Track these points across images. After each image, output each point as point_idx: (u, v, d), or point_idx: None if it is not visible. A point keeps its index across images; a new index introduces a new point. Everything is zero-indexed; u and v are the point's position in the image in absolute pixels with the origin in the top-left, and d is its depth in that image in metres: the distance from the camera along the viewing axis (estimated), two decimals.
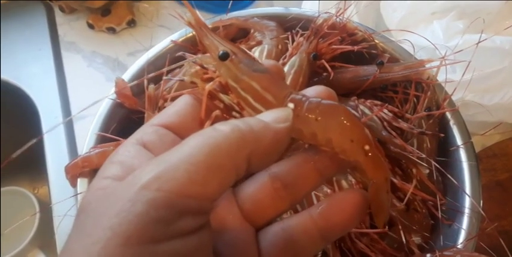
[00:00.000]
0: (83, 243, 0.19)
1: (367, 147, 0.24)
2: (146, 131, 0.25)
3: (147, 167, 0.21)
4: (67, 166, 0.48)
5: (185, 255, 0.20)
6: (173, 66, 0.35)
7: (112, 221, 0.19)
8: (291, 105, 0.25)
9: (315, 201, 0.42)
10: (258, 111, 0.26)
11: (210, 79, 0.28)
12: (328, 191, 0.44)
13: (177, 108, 0.27)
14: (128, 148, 0.24)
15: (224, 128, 0.22)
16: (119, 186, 0.21)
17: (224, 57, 0.27)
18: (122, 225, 0.19)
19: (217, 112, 0.26)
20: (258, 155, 0.23)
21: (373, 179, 0.25)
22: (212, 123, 0.26)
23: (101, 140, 0.50)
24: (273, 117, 0.24)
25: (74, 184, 0.50)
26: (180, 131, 0.26)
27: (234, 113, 0.27)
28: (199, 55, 0.29)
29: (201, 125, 0.26)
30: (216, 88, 0.27)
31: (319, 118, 0.24)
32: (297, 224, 0.27)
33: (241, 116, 0.27)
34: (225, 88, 0.27)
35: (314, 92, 0.27)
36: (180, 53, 0.55)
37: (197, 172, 0.20)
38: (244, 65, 0.27)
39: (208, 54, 0.29)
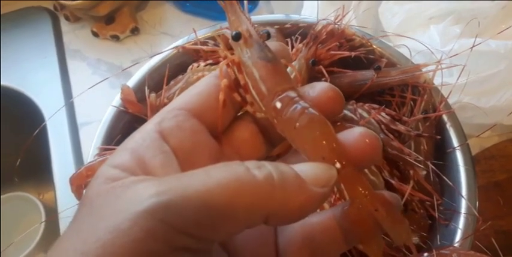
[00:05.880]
0: (74, 246, 0.19)
1: (338, 165, 0.22)
2: (165, 116, 0.24)
3: (158, 185, 0.19)
4: (71, 177, 0.48)
5: None
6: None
7: (106, 237, 0.18)
8: (279, 104, 0.24)
9: None
10: (254, 99, 0.26)
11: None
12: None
13: (199, 89, 0.26)
14: (144, 136, 0.23)
15: (258, 174, 0.20)
16: (125, 192, 0.20)
17: (236, 37, 0.27)
18: (114, 246, 0.18)
19: (225, 82, 0.26)
20: (278, 216, 0.21)
21: (351, 199, 0.23)
22: (224, 95, 0.25)
23: (106, 144, 0.51)
24: (314, 177, 0.22)
25: (80, 197, 0.50)
26: (201, 113, 0.25)
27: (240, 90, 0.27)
28: (225, 29, 0.29)
29: (221, 106, 0.25)
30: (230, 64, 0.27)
31: (297, 127, 0.23)
32: (318, 223, 0.25)
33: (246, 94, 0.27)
34: (238, 67, 0.27)
35: (316, 89, 0.26)
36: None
37: (207, 213, 0.19)
38: (253, 49, 0.26)
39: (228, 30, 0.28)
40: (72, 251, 0.19)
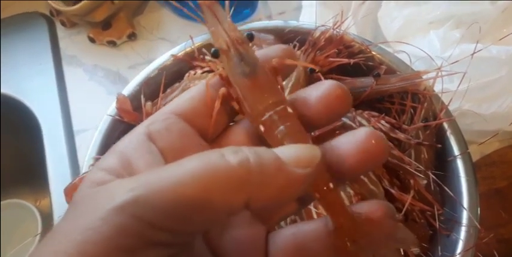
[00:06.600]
0: (48, 247, 0.19)
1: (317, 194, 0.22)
2: (155, 119, 0.24)
3: (131, 182, 0.19)
4: (66, 188, 0.48)
5: None
6: None
7: (79, 237, 0.18)
8: (262, 128, 0.24)
9: (314, 215, 0.43)
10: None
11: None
12: None
13: (192, 94, 0.26)
14: (131, 138, 0.23)
15: (233, 159, 0.19)
16: (100, 193, 0.20)
17: (215, 55, 0.26)
18: (86, 244, 0.18)
19: (223, 90, 0.25)
20: (259, 201, 0.20)
21: (333, 225, 0.23)
22: (221, 102, 0.25)
23: (102, 153, 0.50)
24: (295, 158, 0.21)
25: None
26: (192, 118, 0.25)
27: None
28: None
29: (212, 111, 0.25)
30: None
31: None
32: (310, 231, 0.25)
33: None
34: (227, 81, 0.26)
35: (323, 88, 0.24)
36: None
37: (180, 205, 0.18)
38: (233, 64, 0.25)
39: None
40: (46, 253, 0.18)
